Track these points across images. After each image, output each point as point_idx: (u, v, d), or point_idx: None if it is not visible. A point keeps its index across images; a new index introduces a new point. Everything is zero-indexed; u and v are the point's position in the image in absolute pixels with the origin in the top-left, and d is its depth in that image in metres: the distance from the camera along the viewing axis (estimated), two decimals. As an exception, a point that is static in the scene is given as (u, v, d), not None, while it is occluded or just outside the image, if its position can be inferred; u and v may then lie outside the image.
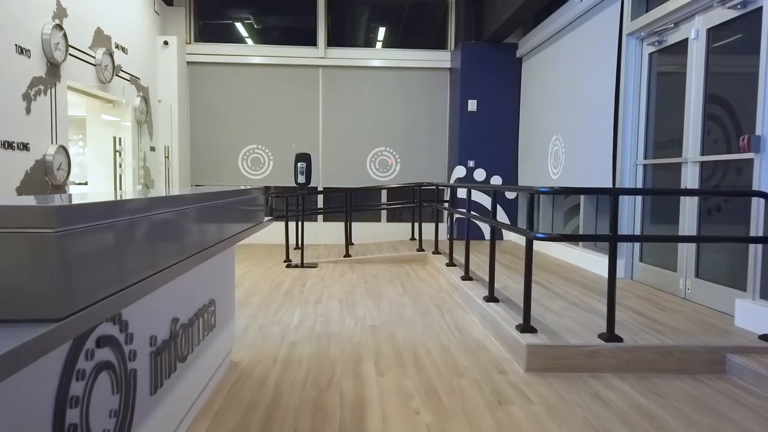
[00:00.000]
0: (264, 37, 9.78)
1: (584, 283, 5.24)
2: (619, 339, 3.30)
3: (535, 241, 3.42)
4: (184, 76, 9.01)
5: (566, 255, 6.63)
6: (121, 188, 6.64)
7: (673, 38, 4.88)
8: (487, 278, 5.06)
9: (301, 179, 6.97)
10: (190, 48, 9.11)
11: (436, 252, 7.13)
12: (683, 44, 4.71)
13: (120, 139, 6.77)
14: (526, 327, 3.47)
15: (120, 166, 6.66)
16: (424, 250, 7.44)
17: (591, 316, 3.95)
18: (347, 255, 7.42)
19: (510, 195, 8.78)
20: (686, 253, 4.58)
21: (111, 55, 6.75)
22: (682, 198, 4.67)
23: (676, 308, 4.23)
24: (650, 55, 5.26)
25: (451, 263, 6.13)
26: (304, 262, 7.02)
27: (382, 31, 9.78)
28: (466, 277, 5.27)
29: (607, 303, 3.33)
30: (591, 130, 6.10)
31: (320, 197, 9.52)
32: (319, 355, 3.55)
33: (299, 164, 6.95)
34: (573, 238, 5.31)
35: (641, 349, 3.25)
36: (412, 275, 6.44)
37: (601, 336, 3.35)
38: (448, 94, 9.42)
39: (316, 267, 6.94)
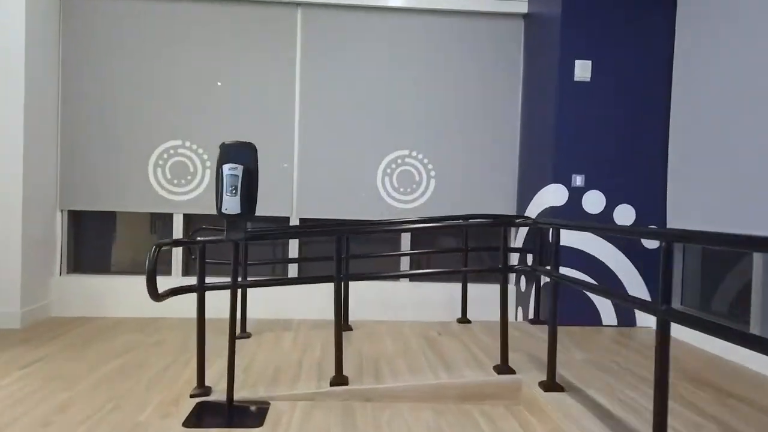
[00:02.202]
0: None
1: None
2: None
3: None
4: (47, 16, 4.94)
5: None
6: None
7: None
8: None
9: (231, 204, 2.89)
10: (63, -36, 5.07)
11: (552, 384, 2.99)
12: None
13: None
14: None
15: None
16: (513, 371, 3.30)
17: None
18: (339, 381, 3.26)
19: (648, 243, 4.69)
20: None
21: None
22: None
23: None
24: None
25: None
26: (234, 399, 2.87)
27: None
28: None
29: None
30: None
31: (293, 243, 5.38)
32: None
33: (226, 169, 2.87)
34: None
35: None
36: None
37: None
38: (522, 58, 5.41)
39: (263, 418, 2.78)
